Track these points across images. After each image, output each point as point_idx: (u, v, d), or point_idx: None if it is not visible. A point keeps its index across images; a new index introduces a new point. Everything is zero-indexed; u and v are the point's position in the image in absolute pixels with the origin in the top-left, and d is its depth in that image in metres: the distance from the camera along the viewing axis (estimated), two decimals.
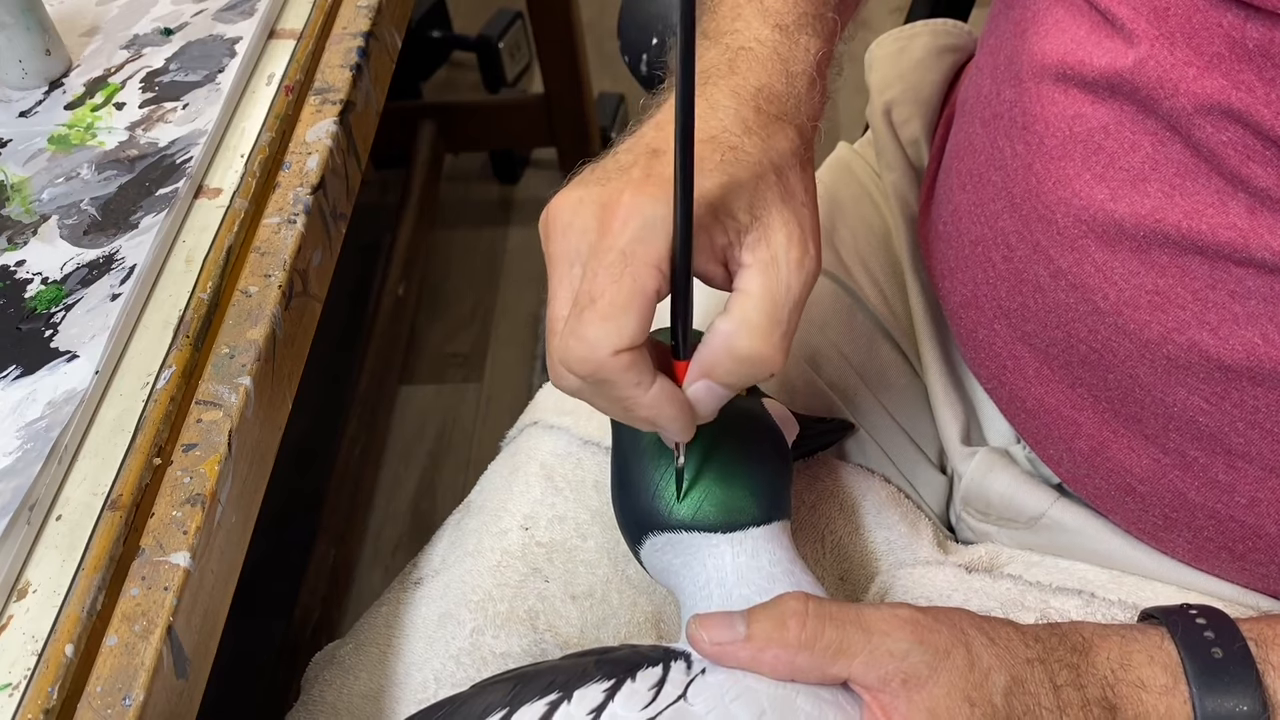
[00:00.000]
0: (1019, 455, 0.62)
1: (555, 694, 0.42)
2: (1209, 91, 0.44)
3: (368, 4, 0.71)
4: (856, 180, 0.75)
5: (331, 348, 1.53)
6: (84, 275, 0.54)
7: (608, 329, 0.40)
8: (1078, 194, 0.50)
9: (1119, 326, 0.50)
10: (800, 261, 0.43)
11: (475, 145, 1.80)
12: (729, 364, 0.42)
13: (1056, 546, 0.60)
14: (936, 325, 0.66)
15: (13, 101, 0.64)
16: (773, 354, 0.42)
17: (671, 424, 0.43)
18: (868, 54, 0.78)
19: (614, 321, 0.40)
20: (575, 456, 0.62)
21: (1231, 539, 0.52)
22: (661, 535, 0.49)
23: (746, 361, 0.42)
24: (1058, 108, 0.51)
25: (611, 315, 0.40)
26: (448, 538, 0.64)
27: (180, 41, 0.67)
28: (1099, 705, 0.44)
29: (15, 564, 0.44)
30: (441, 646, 0.57)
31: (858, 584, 0.61)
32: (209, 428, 0.50)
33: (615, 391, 0.42)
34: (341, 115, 0.64)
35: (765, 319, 0.42)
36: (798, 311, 0.43)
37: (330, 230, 0.62)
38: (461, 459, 1.49)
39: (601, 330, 0.40)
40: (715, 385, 0.43)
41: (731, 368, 0.42)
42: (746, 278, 0.43)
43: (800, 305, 0.43)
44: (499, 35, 1.73)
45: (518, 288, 1.68)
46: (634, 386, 0.42)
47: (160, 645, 0.43)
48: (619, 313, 0.40)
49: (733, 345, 0.42)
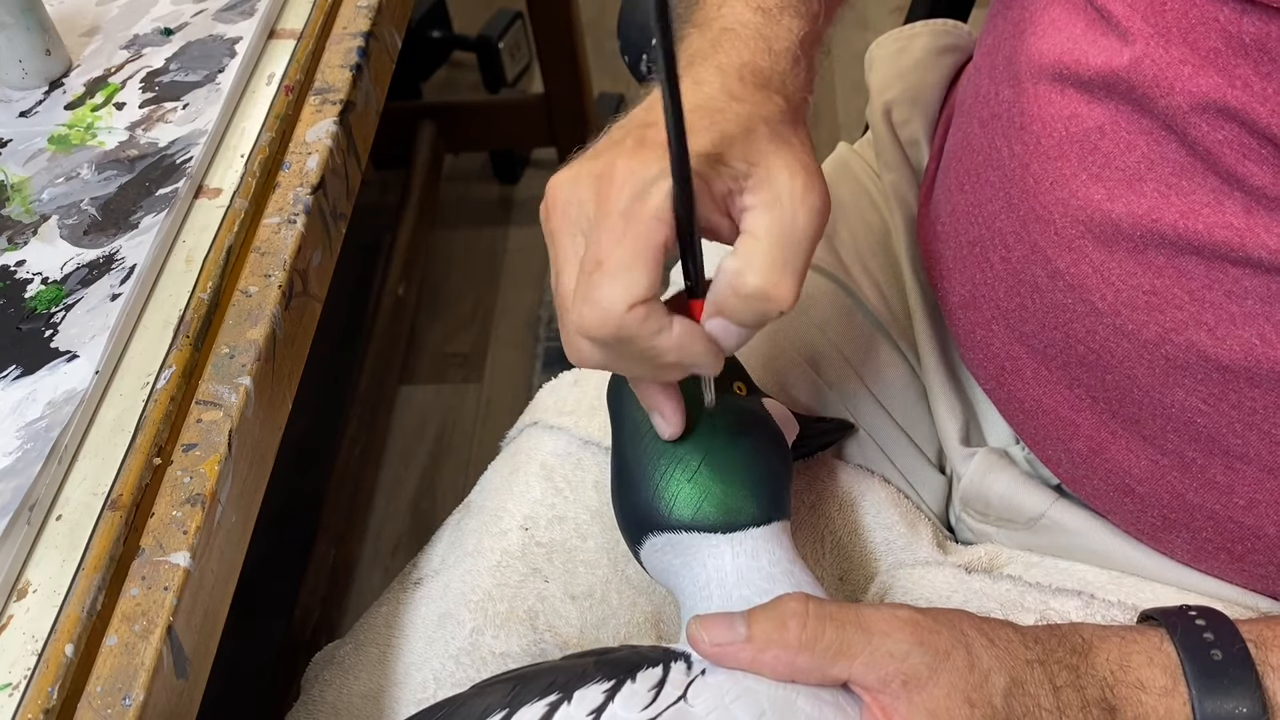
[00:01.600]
0: (1018, 456, 0.62)
1: (555, 695, 0.42)
2: (1205, 89, 0.44)
3: (368, 4, 0.71)
4: (856, 180, 0.75)
5: (331, 348, 1.53)
6: (84, 275, 0.54)
7: (617, 286, 0.41)
8: (1074, 194, 0.50)
9: (1117, 327, 0.50)
10: (804, 196, 0.43)
11: (475, 145, 1.79)
12: (737, 302, 0.42)
13: (1056, 547, 0.60)
14: (936, 325, 0.66)
15: (13, 101, 0.64)
16: (778, 289, 0.42)
17: (700, 359, 0.43)
18: (868, 54, 0.78)
19: (624, 277, 0.41)
20: (575, 456, 0.62)
21: (1230, 539, 0.52)
22: (661, 535, 0.49)
23: (753, 299, 0.42)
24: (1054, 108, 0.51)
25: (619, 272, 0.41)
26: (447, 538, 0.64)
27: (180, 41, 0.67)
28: (1098, 706, 0.44)
29: (15, 564, 0.44)
30: (441, 646, 0.57)
31: (857, 584, 0.61)
32: (209, 428, 0.50)
33: (637, 345, 0.42)
34: (341, 115, 0.64)
35: (770, 256, 0.42)
36: (807, 247, 0.43)
37: (330, 230, 0.62)
38: (461, 459, 1.49)
39: (612, 288, 0.41)
40: (730, 323, 0.43)
41: (740, 305, 0.42)
42: (751, 219, 0.43)
43: (810, 239, 0.43)
44: (499, 35, 1.73)
45: (518, 288, 1.68)
46: (655, 336, 0.42)
47: (160, 645, 0.43)
48: (626, 269, 0.41)
49: (738, 284, 0.42)
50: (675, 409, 0.49)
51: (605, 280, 0.41)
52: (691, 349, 0.43)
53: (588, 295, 0.41)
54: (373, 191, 1.75)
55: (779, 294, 0.42)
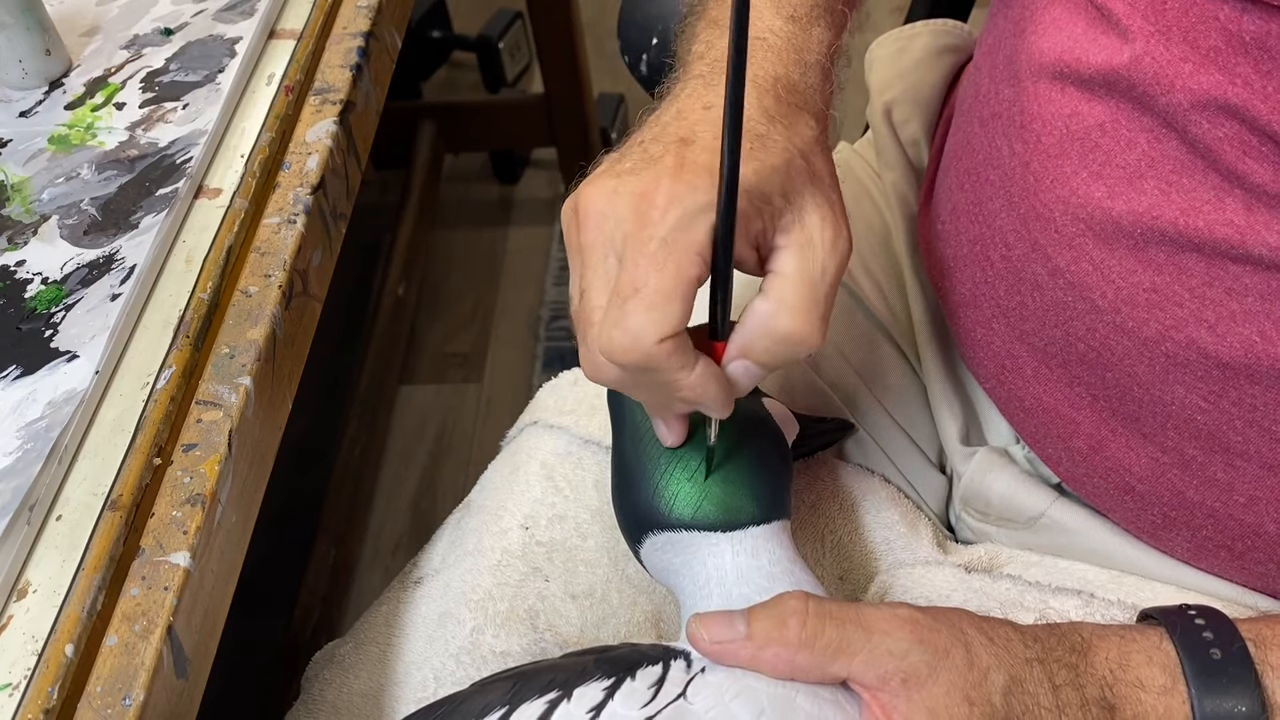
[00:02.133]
0: (1018, 455, 0.62)
1: (555, 692, 0.42)
2: (1205, 87, 0.44)
3: (368, 4, 0.71)
4: (856, 180, 0.75)
5: (331, 348, 1.53)
6: (84, 275, 0.54)
7: (653, 318, 0.41)
8: (1075, 192, 0.50)
9: (1117, 325, 0.50)
10: (834, 243, 0.44)
11: (475, 145, 1.80)
12: (767, 344, 0.43)
13: (1056, 546, 0.60)
14: (936, 325, 0.66)
15: (13, 101, 0.64)
16: (810, 333, 0.42)
17: (714, 401, 0.44)
18: (868, 54, 0.78)
19: (659, 310, 0.41)
20: (575, 456, 0.62)
21: (1230, 537, 0.52)
22: (662, 534, 0.49)
23: (786, 341, 0.43)
24: (1055, 106, 0.51)
25: (657, 304, 0.41)
26: (448, 537, 0.64)
27: (180, 41, 0.67)
28: (1097, 705, 0.44)
29: (15, 564, 0.44)
30: (441, 645, 0.57)
31: (857, 583, 0.61)
32: (209, 428, 0.50)
33: (660, 378, 0.42)
34: (341, 115, 0.64)
35: (803, 299, 0.42)
36: (834, 291, 0.44)
37: (330, 230, 0.62)
38: (461, 459, 1.49)
39: (647, 319, 0.41)
40: (752, 365, 0.44)
41: (770, 347, 0.43)
42: (782, 260, 0.43)
43: (835, 285, 0.44)
44: (499, 35, 1.73)
45: (518, 288, 1.68)
46: (679, 371, 0.42)
47: (160, 645, 0.43)
48: (664, 301, 0.41)
49: (771, 326, 0.42)
50: (678, 423, 0.49)
51: (640, 309, 0.41)
52: (707, 390, 0.43)
53: (620, 321, 0.41)
54: (373, 191, 1.75)
55: (811, 336, 0.42)
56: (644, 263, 0.41)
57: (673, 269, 0.41)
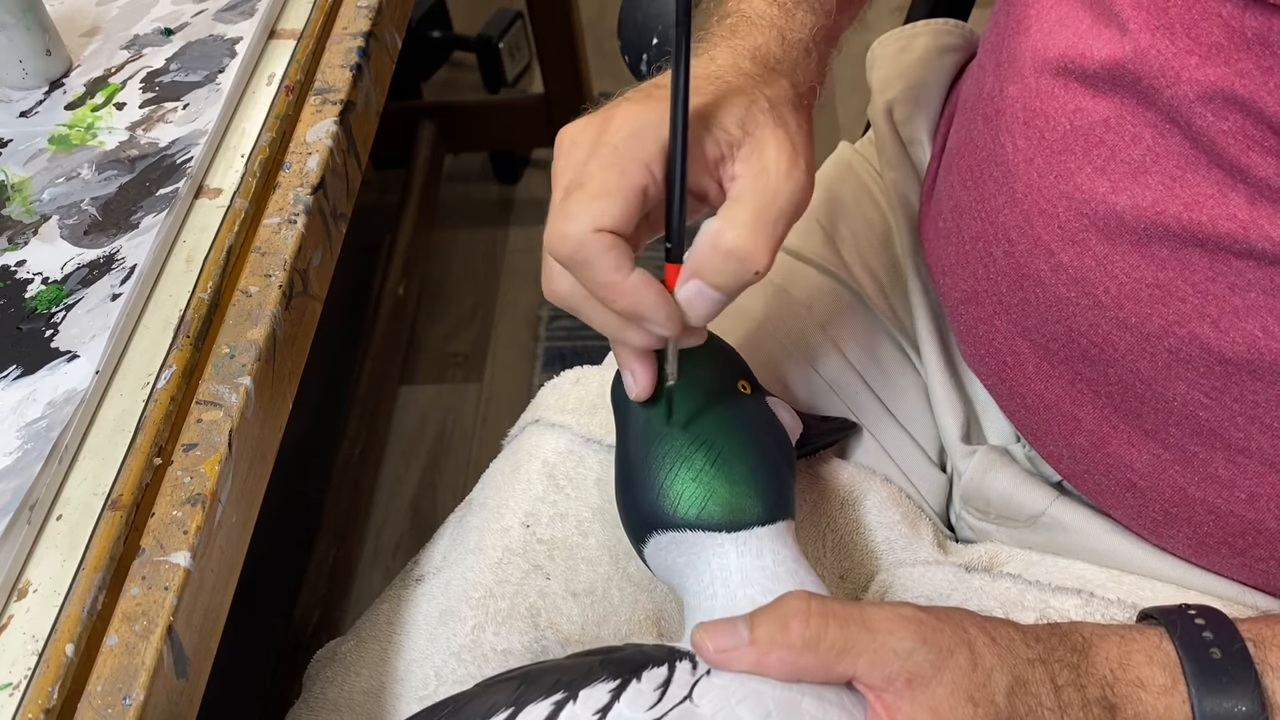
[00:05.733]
0: (1019, 454, 0.62)
1: (561, 694, 0.42)
2: (1211, 79, 0.44)
3: (368, 4, 0.71)
4: (858, 179, 0.75)
5: (331, 348, 1.53)
6: (84, 275, 0.54)
7: (590, 209, 0.43)
8: (1079, 187, 0.50)
9: (1120, 320, 0.50)
10: (789, 171, 0.45)
11: (475, 145, 1.80)
12: (716, 261, 0.44)
13: (1056, 545, 0.60)
14: (937, 324, 0.66)
15: (13, 101, 0.64)
16: (755, 250, 0.44)
17: (654, 313, 0.44)
18: (869, 53, 0.78)
19: (599, 201, 0.43)
20: (577, 454, 0.62)
21: (1231, 534, 0.52)
22: (666, 534, 0.49)
23: (732, 256, 0.44)
24: (1059, 102, 0.51)
25: (598, 196, 0.43)
26: (449, 535, 0.64)
27: (180, 42, 0.67)
28: (1098, 705, 0.44)
29: (15, 564, 0.44)
30: (443, 643, 0.57)
31: (858, 583, 0.61)
32: (209, 428, 0.50)
33: (595, 275, 0.43)
34: (341, 115, 0.64)
35: (751, 216, 0.44)
36: (785, 219, 0.45)
37: (330, 230, 0.62)
38: (461, 459, 1.49)
39: (585, 209, 0.43)
40: (705, 286, 0.45)
41: (719, 265, 0.44)
42: (737, 186, 0.45)
43: (788, 215, 0.45)
44: (499, 35, 1.73)
45: (518, 288, 1.68)
46: (613, 270, 0.43)
47: (160, 645, 0.43)
48: (605, 194, 0.43)
49: (718, 242, 0.44)
50: (646, 372, 0.50)
51: (582, 199, 0.43)
52: (645, 299, 0.44)
53: (563, 209, 0.43)
54: (373, 191, 1.75)
55: (755, 254, 0.44)
56: (593, 164, 0.44)
57: (618, 171, 0.43)
